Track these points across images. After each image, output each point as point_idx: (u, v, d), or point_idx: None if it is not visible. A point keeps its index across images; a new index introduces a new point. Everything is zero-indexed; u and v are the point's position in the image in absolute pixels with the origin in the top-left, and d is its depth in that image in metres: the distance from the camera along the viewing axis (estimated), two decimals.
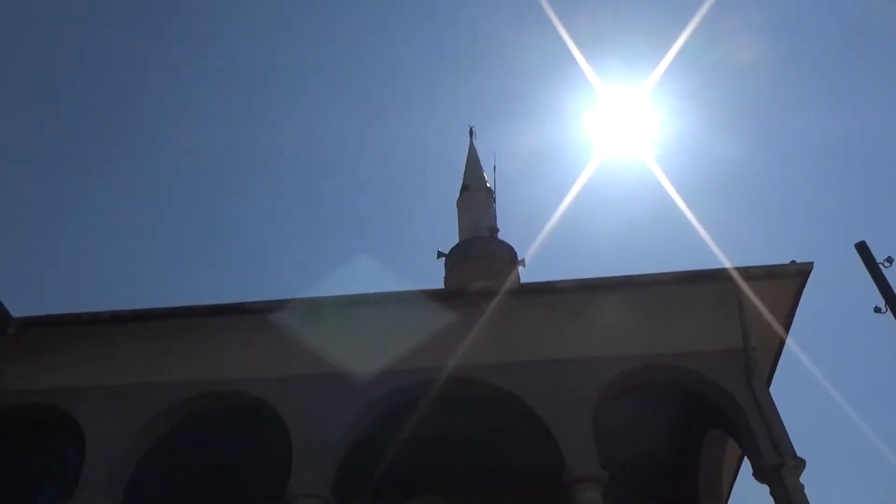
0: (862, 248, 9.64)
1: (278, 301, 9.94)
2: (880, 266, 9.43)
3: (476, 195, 20.74)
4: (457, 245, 18.71)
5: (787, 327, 10.34)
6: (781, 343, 10.53)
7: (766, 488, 8.92)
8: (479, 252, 18.06)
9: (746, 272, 9.63)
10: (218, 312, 10.01)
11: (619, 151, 31.17)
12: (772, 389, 10.23)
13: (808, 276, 9.71)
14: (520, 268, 18.16)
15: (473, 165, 22.20)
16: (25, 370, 10.21)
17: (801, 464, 8.62)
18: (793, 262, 9.74)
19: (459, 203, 20.87)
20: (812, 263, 9.67)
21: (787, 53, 45.41)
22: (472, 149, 23.05)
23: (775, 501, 8.71)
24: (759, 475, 8.95)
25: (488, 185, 21.37)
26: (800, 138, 44.45)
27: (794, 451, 8.72)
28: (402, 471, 12.54)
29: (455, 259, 18.20)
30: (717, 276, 9.76)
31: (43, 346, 10.21)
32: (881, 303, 9.27)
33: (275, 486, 11.32)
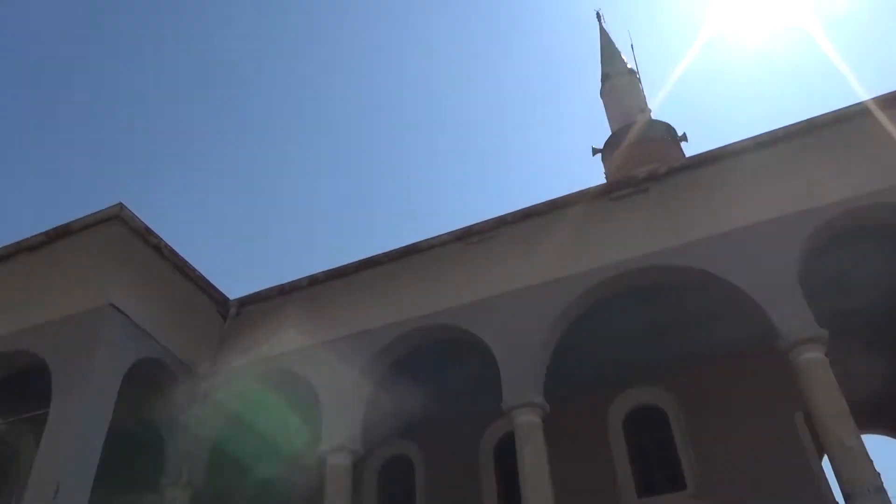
0: None
1: (455, 231, 10.24)
2: None
3: (619, 81, 19.76)
4: (610, 136, 18.06)
5: None
6: None
7: None
8: (636, 137, 17.30)
9: None
10: (403, 255, 10.54)
11: None
12: None
13: None
14: (682, 143, 17.20)
15: (609, 52, 21.06)
16: (252, 342, 11.52)
17: None
18: None
19: (603, 94, 20.01)
20: None
21: None
22: (603, 35, 21.83)
23: None
24: None
25: (630, 67, 20.24)
26: None
27: None
28: (609, 367, 12.72)
29: (612, 151, 17.60)
30: None
31: (262, 318, 11.41)
32: None
33: (490, 402, 12.03)
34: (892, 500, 8.07)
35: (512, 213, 10.07)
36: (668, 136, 17.12)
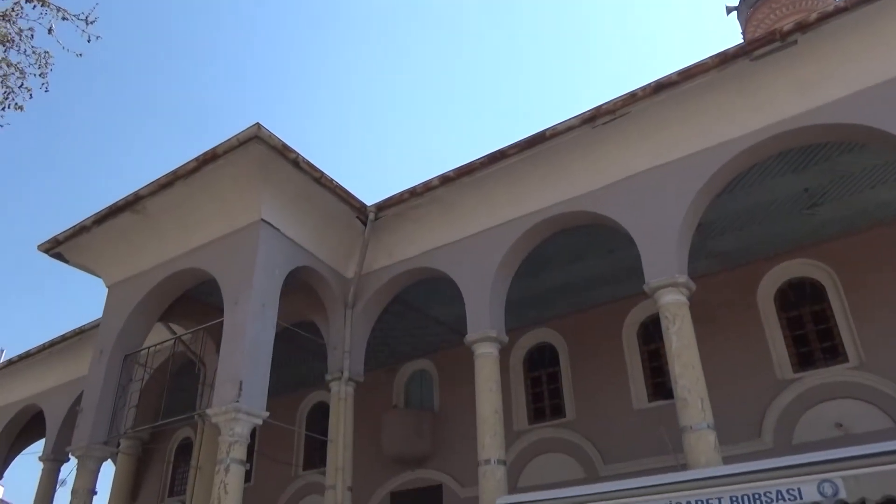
0: None
1: (582, 114, 9.90)
2: None
3: None
4: None
5: None
6: None
7: None
8: None
9: None
10: (530, 145, 10.37)
11: None
12: None
13: None
14: None
15: None
16: (392, 244, 12.02)
17: None
18: None
19: None
20: None
21: None
22: None
23: None
24: None
25: None
26: None
27: None
28: (757, 240, 12.16)
29: (748, 6, 15.97)
30: None
31: (399, 221, 11.81)
32: None
33: (632, 285, 11.92)
34: None
35: (642, 87, 9.52)
36: None
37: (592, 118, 9.83)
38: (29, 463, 40.97)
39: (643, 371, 13.52)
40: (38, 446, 17.84)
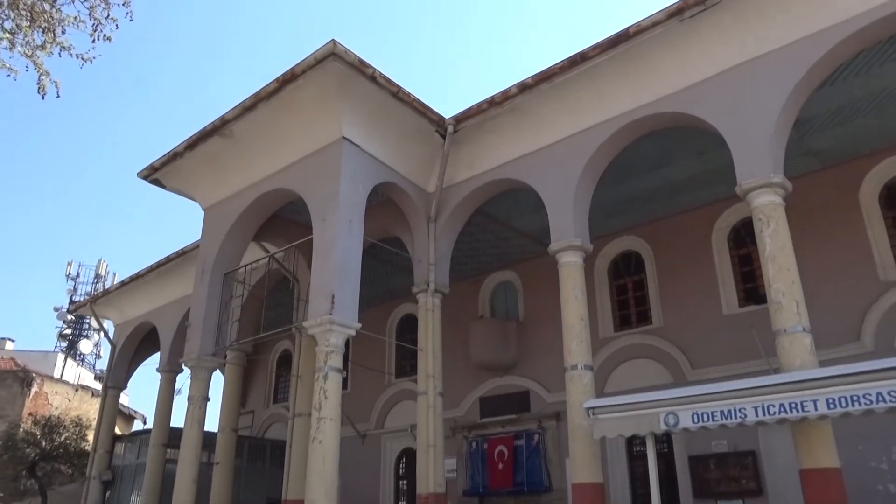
0: None
1: (667, 8, 9.32)
2: None
3: None
4: None
5: None
6: None
7: None
8: None
9: None
10: (612, 45, 9.90)
11: None
12: None
13: None
14: None
15: None
16: (473, 156, 11.95)
17: None
18: None
19: None
20: None
21: None
22: None
23: None
24: None
25: None
26: None
27: None
28: (863, 135, 11.37)
29: None
30: None
31: (478, 132, 11.68)
32: None
33: (722, 188, 11.48)
34: None
35: None
36: None
37: (680, 11, 9.24)
38: (148, 374, 44.67)
39: (734, 276, 13.18)
40: (155, 359, 19.44)
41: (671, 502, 12.08)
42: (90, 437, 21.36)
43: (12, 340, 33.04)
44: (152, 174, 13.33)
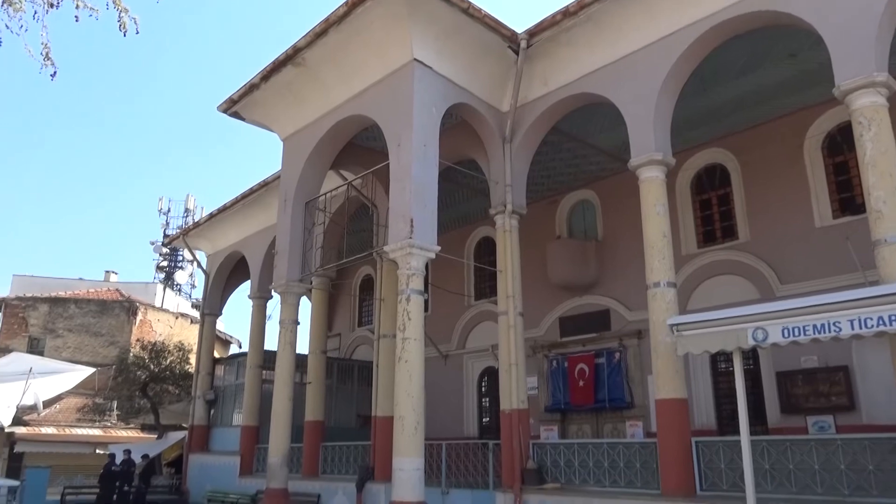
0: None
1: None
2: None
3: None
4: None
5: None
6: None
7: None
8: None
9: None
10: None
11: None
12: None
13: None
14: None
15: None
16: (549, 72, 11.58)
17: None
18: None
19: None
20: None
21: None
22: None
23: None
24: None
25: None
26: None
27: None
28: None
29: None
30: None
31: (553, 46, 11.27)
32: None
33: (816, 93, 10.75)
34: None
35: None
36: None
37: None
38: (240, 301, 47.08)
39: (827, 186, 12.49)
40: (246, 287, 20.44)
41: (758, 418, 11.98)
42: (192, 360, 22.92)
43: (116, 273, 35.40)
44: (231, 107, 13.63)
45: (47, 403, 23.74)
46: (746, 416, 7.59)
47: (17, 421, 22.19)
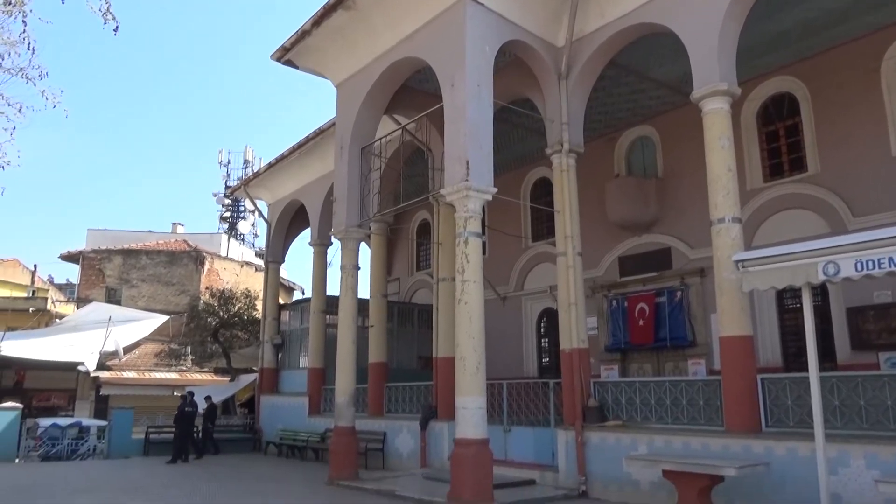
0: None
1: None
2: None
3: None
4: None
5: None
6: None
7: None
8: None
9: None
10: None
11: None
12: None
13: None
14: None
15: None
16: (605, 1, 11.14)
17: None
18: None
19: None
20: None
21: None
22: None
23: None
24: None
25: None
26: None
27: None
28: None
29: None
30: None
31: None
32: None
33: (890, 10, 10.03)
34: None
35: None
36: None
37: None
38: (301, 249, 48.25)
39: None
40: (306, 234, 20.87)
41: (827, 355, 11.70)
42: (258, 306, 23.73)
43: (182, 225, 36.65)
44: (284, 55, 13.66)
45: (127, 349, 25.16)
46: (815, 352, 7.42)
47: (101, 366, 23.64)
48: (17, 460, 17.55)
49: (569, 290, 11.31)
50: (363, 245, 16.87)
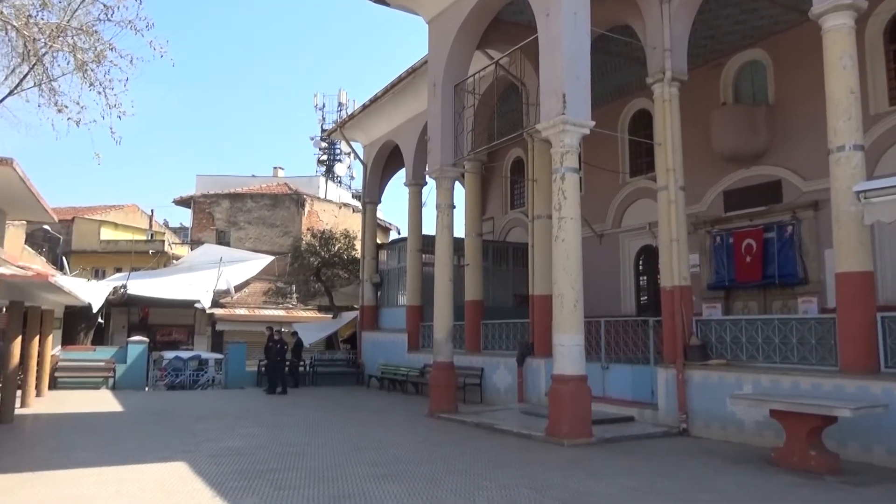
0: None
1: None
2: None
3: None
4: None
5: None
6: None
7: None
8: None
9: None
10: None
11: None
12: None
13: None
14: None
15: None
16: None
17: None
18: None
19: None
20: None
21: None
22: None
23: None
24: None
25: None
26: None
27: None
28: None
29: None
30: None
31: None
32: None
33: None
34: None
35: None
36: None
37: None
38: (397, 189, 49.03)
39: None
40: (401, 175, 21.08)
41: None
42: (358, 246, 24.41)
43: (282, 169, 37.88)
44: None
45: (238, 288, 26.62)
46: None
47: (215, 303, 25.17)
48: (146, 388, 19.20)
49: (670, 226, 10.95)
50: (457, 184, 16.90)
